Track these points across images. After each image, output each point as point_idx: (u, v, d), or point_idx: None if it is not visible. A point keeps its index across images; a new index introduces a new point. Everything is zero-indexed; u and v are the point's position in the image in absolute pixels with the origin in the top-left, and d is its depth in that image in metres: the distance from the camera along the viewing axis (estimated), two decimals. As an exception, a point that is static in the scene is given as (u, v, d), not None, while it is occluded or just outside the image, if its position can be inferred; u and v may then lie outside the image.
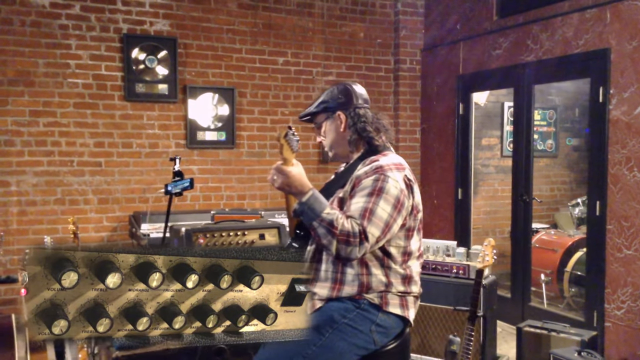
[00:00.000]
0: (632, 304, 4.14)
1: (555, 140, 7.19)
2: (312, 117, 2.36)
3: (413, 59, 6.28)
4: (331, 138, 2.31)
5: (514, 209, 5.23)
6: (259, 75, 5.74)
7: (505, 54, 5.24)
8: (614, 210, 4.27)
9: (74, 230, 3.64)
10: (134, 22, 5.24)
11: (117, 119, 5.23)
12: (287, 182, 2.04)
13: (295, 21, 5.86)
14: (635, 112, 4.10)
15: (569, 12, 4.61)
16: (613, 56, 4.25)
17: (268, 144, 5.79)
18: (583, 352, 3.38)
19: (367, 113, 2.27)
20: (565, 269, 5.50)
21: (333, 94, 2.31)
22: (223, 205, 5.63)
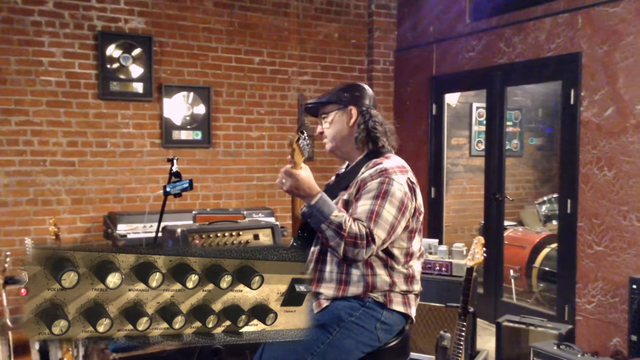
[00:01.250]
0: (602, 298, 4.32)
1: (520, 140, 7.41)
2: (321, 106, 2.36)
3: (386, 60, 6.37)
4: (337, 130, 2.32)
5: (486, 207, 5.37)
6: (235, 74, 5.72)
7: (479, 56, 5.38)
8: (584, 208, 4.45)
9: (55, 231, 3.57)
10: (109, 19, 5.16)
11: (91, 118, 5.13)
12: (296, 185, 2.05)
13: (271, 21, 5.86)
14: (605, 114, 4.27)
15: (541, 17, 4.77)
16: (584, 60, 4.42)
17: (244, 143, 5.78)
18: (562, 346, 3.51)
19: (378, 114, 2.32)
20: (534, 265, 5.69)
21: (348, 89, 2.34)
22: (199, 205, 5.60)
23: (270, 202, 5.88)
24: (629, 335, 3.84)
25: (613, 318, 4.23)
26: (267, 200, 5.87)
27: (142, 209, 5.33)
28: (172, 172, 2.78)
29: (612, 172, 4.23)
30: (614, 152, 4.21)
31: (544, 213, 6.32)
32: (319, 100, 2.39)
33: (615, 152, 4.21)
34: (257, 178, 5.85)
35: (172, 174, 2.79)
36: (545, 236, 5.85)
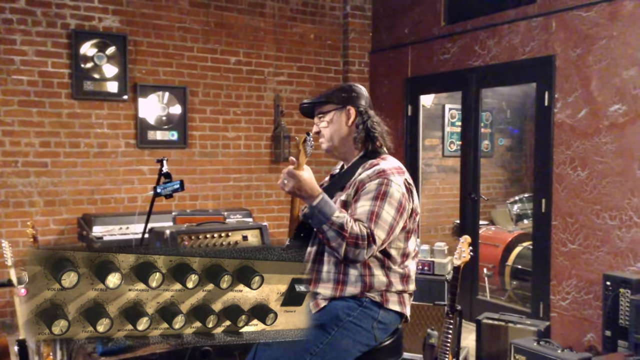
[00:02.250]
0: (576, 295, 4.44)
1: (491, 141, 7.55)
2: (318, 105, 2.37)
3: (362, 61, 6.41)
4: (335, 129, 2.32)
5: (462, 207, 5.46)
6: (211, 74, 5.68)
7: (454, 58, 5.46)
8: (558, 207, 4.56)
9: (33, 233, 3.49)
10: (82, 17, 5.06)
11: (64, 118, 5.03)
12: (298, 186, 2.05)
13: (247, 21, 5.84)
14: (579, 116, 4.39)
15: (515, 20, 4.87)
16: (558, 63, 4.53)
17: (220, 143, 5.74)
18: (541, 342, 3.60)
19: (375, 115, 2.33)
20: (507, 263, 5.81)
21: (345, 89, 2.35)
22: (175, 206, 5.53)
23: (247, 203, 5.85)
24: (603, 331, 3.96)
25: (587, 314, 4.35)
26: (243, 201, 5.85)
27: (117, 210, 5.25)
28: (162, 173, 2.75)
29: (585, 172, 4.35)
30: (587, 153, 4.33)
31: (515, 212, 6.45)
32: (316, 99, 2.40)
33: (589, 153, 4.33)
34: (234, 179, 5.81)
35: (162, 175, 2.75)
36: (517, 235, 5.97)
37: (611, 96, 4.17)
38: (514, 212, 6.49)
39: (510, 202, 6.58)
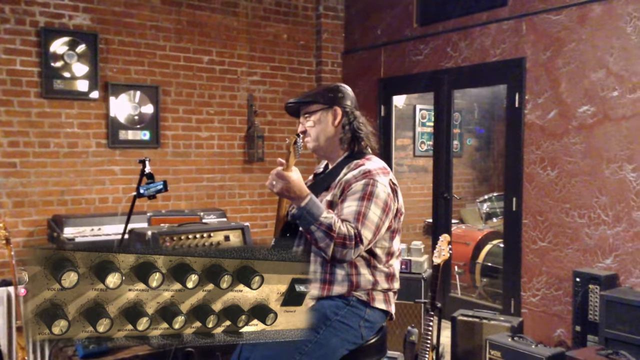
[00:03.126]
0: (546, 292, 4.55)
1: (460, 141, 7.67)
2: (305, 105, 2.37)
3: (334, 62, 6.44)
4: (321, 129, 2.33)
5: (435, 206, 5.54)
6: (184, 73, 5.63)
7: (426, 60, 5.54)
8: (529, 206, 4.67)
9: (6, 235, 3.41)
10: (52, 15, 4.96)
11: (34, 117, 4.92)
12: (287, 188, 2.05)
13: (220, 20, 5.81)
14: (549, 117, 4.51)
15: (487, 23, 4.97)
16: (528, 65, 4.64)
17: (193, 143, 5.70)
18: (516, 337, 3.68)
19: (361, 116, 2.36)
20: (477, 261, 5.91)
21: (331, 89, 2.36)
22: (147, 207, 5.46)
23: (221, 203, 5.82)
24: (574, 326, 4.08)
25: (557, 310, 4.47)
26: (217, 202, 5.81)
27: (88, 211, 5.17)
28: (145, 174, 2.72)
29: (555, 172, 4.47)
30: (557, 153, 4.45)
31: (485, 211, 6.57)
32: (302, 99, 2.41)
33: (558, 153, 4.44)
34: (207, 179, 5.78)
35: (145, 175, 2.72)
36: (487, 233, 6.09)
37: (580, 98, 4.29)
38: (483, 211, 6.61)
39: (480, 201, 6.71)
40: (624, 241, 4.03)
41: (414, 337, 2.94)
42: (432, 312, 2.98)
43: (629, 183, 4.00)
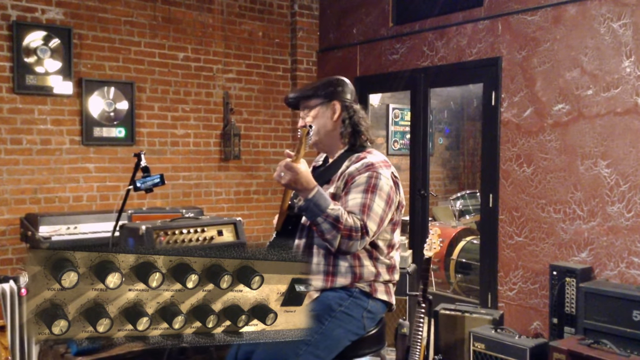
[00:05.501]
0: (522, 285, 4.67)
1: (431, 140, 7.78)
2: (304, 99, 2.38)
3: (309, 60, 6.46)
4: (321, 124, 2.34)
5: (411, 203, 5.61)
6: (159, 70, 5.56)
7: (402, 58, 5.60)
8: (505, 202, 4.78)
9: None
10: (24, 8, 4.83)
11: (5, 113, 4.79)
12: (294, 179, 2.06)
13: (195, 16, 5.76)
14: (524, 115, 4.62)
15: (463, 23, 5.06)
16: (504, 64, 4.75)
17: (169, 141, 5.63)
18: (498, 329, 3.77)
19: (360, 110, 2.38)
20: (451, 257, 6.02)
21: (331, 83, 2.37)
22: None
23: (197, 201, 5.77)
24: (550, 318, 4.19)
25: (533, 303, 4.58)
26: (193, 200, 5.76)
27: (62, 210, 5.05)
28: (141, 167, 2.67)
29: (530, 169, 4.58)
30: (533, 150, 4.57)
31: (458, 208, 6.68)
32: (301, 93, 2.41)
33: (534, 150, 4.56)
34: (183, 177, 5.72)
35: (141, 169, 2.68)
36: (460, 230, 6.20)
37: (555, 96, 4.42)
38: (456, 208, 6.72)
39: (453, 199, 6.82)
40: (598, 235, 4.16)
41: (405, 329, 2.98)
42: (423, 305, 3.03)
43: (603, 179, 4.14)
